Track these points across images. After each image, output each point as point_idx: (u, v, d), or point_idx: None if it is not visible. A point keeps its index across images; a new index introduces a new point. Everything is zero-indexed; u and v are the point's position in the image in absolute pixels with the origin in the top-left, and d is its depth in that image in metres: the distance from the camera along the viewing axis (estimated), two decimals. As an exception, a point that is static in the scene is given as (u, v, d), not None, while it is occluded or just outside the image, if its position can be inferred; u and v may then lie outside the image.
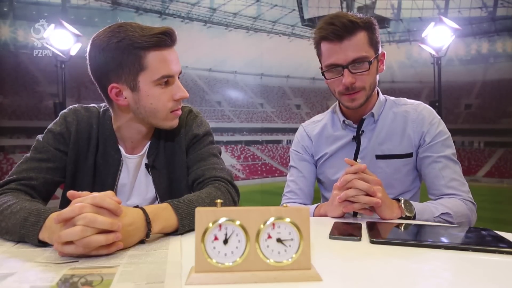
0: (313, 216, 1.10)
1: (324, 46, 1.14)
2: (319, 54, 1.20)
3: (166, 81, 0.98)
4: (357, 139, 1.23)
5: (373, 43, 1.14)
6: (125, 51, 0.92)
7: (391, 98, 1.29)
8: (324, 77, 1.18)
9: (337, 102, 1.31)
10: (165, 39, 0.95)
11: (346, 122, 1.25)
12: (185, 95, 1.00)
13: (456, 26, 4.78)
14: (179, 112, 1.03)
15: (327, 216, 1.03)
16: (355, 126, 1.24)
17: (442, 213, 1.03)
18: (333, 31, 1.09)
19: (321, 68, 1.19)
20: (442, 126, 1.20)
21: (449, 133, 1.20)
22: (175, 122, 1.04)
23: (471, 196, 1.13)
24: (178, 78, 1.02)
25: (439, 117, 1.22)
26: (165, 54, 0.96)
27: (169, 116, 1.01)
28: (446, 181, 1.14)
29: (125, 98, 0.97)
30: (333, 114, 1.33)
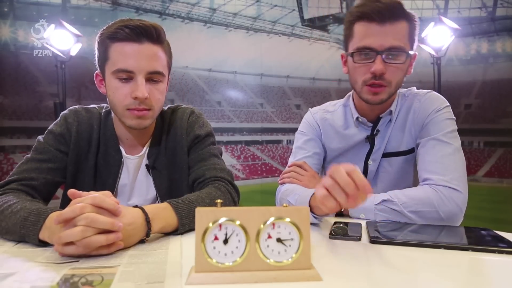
0: (309, 205, 0.89)
1: (360, 26, 1.01)
2: (348, 35, 1.05)
3: (126, 76, 0.94)
4: (371, 139, 1.13)
5: (411, 40, 1.02)
6: (100, 40, 0.97)
7: (402, 90, 1.16)
8: (352, 60, 1.03)
9: (350, 96, 1.20)
10: (123, 32, 0.92)
11: (360, 119, 1.14)
12: (141, 95, 0.93)
13: (455, 26, 4.79)
14: (137, 112, 0.96)
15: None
16: (370, 124, 1.14)
17: (383, 200, 0.93)
18: (378, 9, 0.97)
19: (346, 50, 1.07)
20: (446, 114, 1.06)
21: (453, 117, 1.06)
22: (134, 122, 0.97)
23: (453, 182, 0.94)
24: (161, 78, 0.99)
25: (446, 105, 1.08)
26: (126, 48, 0.93)
27: (126, 114, 0.97)
28: (425, 165, 1.00)
29: (105, 87, 1.01)
30: (345, 108, 1.20)
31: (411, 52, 1.02)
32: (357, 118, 1.15)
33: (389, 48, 0.98)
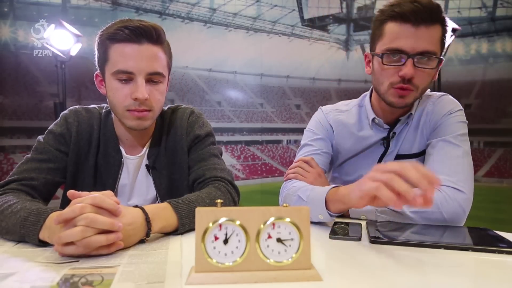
0: (325, 200, 0.87)
1: (393, 26, 0.96)
2: (377, 34, 1.01)
3: (126, 77, 0.94)
4: (386, 141, 1.11)
5: (442, 44, 0.99)
6: (100, 41, 0.97)
7: None
8: (381, 61, 0.98)
9: (366, 96, 1.17)
10: (123, 33, 0.91)
11: (376, 120, 1.12)
12: (141, 96, 0.93)
13: (455, 26, 4.78)
14: (137, 113, 0.96)
15: (344, 202, 0.82)
16: (386, 126, 1.11)
17: None
18: (415, 9, 0.92)
19: (373, 50, 1.03)
20: (459, 117, 1.05)
21: (465, 121, 1.05)
22: (134, 123, 0.98)
23: (459, 184, 0.93)
24: (161, 79, 0.99)
25: (459, 108, 1.07)
26: (126, 49, 0.93)
27: (126, 115, 0.97)
28: (432, 165, 0.99)
29: (105, 87, 1.01)
30: (360, 108, 1.17)
31: (441, 57, 0.99)
32: (373, 119, 1.12)
33: (421, 52, 0.95)
